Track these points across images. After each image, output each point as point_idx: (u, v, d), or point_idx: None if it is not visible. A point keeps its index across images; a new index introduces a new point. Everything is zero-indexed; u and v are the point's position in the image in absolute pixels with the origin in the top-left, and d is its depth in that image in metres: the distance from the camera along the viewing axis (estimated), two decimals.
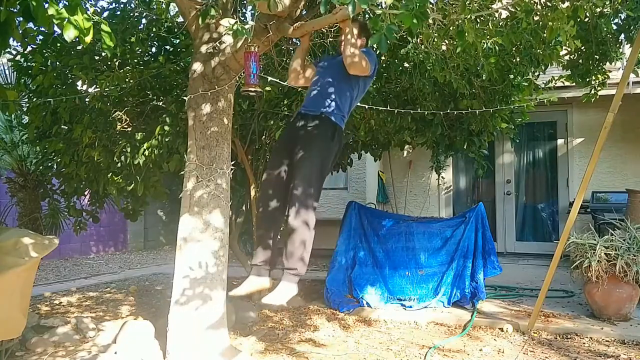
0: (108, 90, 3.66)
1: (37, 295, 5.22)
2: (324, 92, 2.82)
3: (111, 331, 3.81)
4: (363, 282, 4.86)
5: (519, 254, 7.66)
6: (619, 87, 3.63)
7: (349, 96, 2.86)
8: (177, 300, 3.01)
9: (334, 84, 2.83)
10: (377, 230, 5.03)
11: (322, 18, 2.72)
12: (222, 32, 3.07)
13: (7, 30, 1.89)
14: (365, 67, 2.73)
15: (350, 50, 2.66)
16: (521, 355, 3.49)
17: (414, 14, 1.79)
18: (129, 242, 9.71)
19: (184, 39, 4.21)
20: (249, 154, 4.88)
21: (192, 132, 3.14)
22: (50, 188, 5.19)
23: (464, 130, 4.72)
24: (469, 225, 4.78)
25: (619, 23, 4.06)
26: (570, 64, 4.49)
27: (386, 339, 3.90)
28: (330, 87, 2.83)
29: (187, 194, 3.08)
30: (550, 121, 7.64)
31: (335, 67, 2.88)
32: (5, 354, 3.27)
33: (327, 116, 2.76)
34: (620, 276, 3.98)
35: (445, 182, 8.23)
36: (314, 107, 2.81)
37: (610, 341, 3.75)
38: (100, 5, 7.06)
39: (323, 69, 2.97)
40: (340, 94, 2.82)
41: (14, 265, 2.92)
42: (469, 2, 2.44)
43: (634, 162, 7.07)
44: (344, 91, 2.83)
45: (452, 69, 3.64)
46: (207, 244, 3.04)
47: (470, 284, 4.63)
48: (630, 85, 5.71)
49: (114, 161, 4.03)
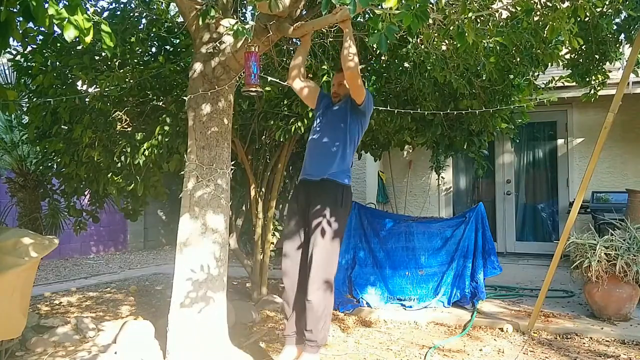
0: (108, 90, 3.66)
1: (37, 295, 5.22)
2: (323, 153, 2.80)
3: (111, 331, 3.81)
4: (363, 282, 4.86)
5: (519, 254, 7.67)
6: (619, 87, 3.63)
7: (350, 144, 2.83)
8: (177, 300, 3.01)
9: (333, 140, 2.80)
10: (377, 230, 5.03)
11: (322, 18, 2.71)
12: (222, 32, 3.07)
13: (7, 30, 1.88)
14: (360, 83, 2.69)
15: (351, 52, 2.62)
16: (521, 355, 3.49)
17: (414, 14, 1.79)
18: (129, 242, 9.71)
19: (184, 39, 4.21)
20: (249, 154, 4.88)
21: (192, 132, 3.13)
22: (50, 188, 5.19)
23: (464, 130, 4.71)
24: (469, 225, 4.78)
25: (619, 23, 4.06)
26: (571, 63, 4.49)
27: (386, 339, 3.90)
28: (330, 145, 2.80)
29: (187, 194, 3.08)
30: (550, 121, 7.64)
31: (333, 120, 2.86)
32: (5, 354, 3.27)
33: (330, 179, 2.74)
34: (620, 276, 3.98)
35: (445, 182, 8.23)
36: (316, 172, 2.79)
37: (610, 341, 3.75)
38: (100, 5, 7.05)
39: (320, 125, 2.92)
40: (341, 148, 2.78)
41: (14, 265, 2.92)
42: (469, 2, 2.44)
43: (634, 162, 7.07)
44: (344, 143, 2.80)
45: (452, 69, 3.64)
46: (207, 244, 3.03)
47: (470, 284, 4.63)
48: (630, 85, 5.70)
49: (114, 161, 4.02)
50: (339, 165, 2.77)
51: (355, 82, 2.70)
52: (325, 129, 2.88)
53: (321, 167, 2.79)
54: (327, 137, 2.84)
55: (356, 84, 2.71)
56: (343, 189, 2.77)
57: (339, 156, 2.78)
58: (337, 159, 2.77)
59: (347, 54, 2.63)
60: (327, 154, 2.79)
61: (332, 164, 2.77)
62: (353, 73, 2.66)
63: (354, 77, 2.68)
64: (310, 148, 2.91)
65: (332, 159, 2.77)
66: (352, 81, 2.71)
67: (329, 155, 2.79)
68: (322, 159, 2.79)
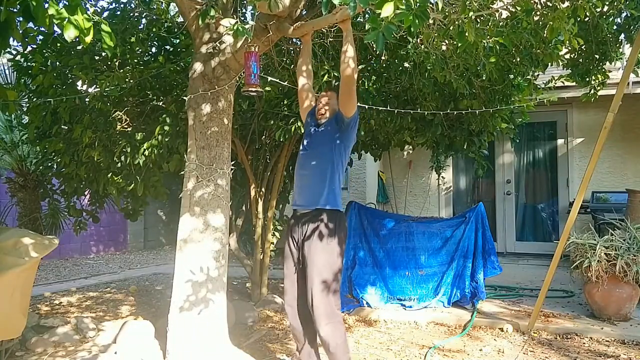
0: (108, 90, 3.66)
1: (37, 295, 5.22)
2: (313, 183, 2.73)
3: (111, 331, 3.81)
4: (363, 282, 4.86)
5: (519, 254, 7.67)
6: (619, 87, 3.63)
7: (338, 165, 2.74)
8: (177, 300, 3.01)
9: (320, 166, 2.72)
10: (377, 230, 5.03)
11: (322, 18, 2.71)
12: (222, 32, 3.07)
13: (7, 30, 1.88)
14: (354, 91, 2.62)
15: (347, 56, 2.56)
16: (521, 355, 3.49)
17: (414, 13, 1.79)
18: (129, 242, 9.71)
19: (184, 39, 4.21)
20: (249, 154, 4.88)
21: (192, 132, 3.13)
22: (50, 188, 5.19)
23: (464, 130, 4.71)
24: (469, 225, 4.78)
25: (619, 22, 4.06)
26: (571, 63, 4.49)
27: (386, 339, 3.90)
28: (317, 172, 2.72)
29: (187, 194, 3.08)
30: (550, 121, 7.64)
31: (318, 143, 2.79)
32: (5, 354, 3.27)
33: (322, 208, 2.68)
34: (620, 276, 3.98)
35: (445, 182, 8.23)
36: (308, 202, 2.73)
37: (610, 341, 3.75)
38: (100, 5, 7.06)
39: (306, 151, 2.84)
40: (329, 173, 2.70)
41: (14, 265, 2.92)
42: (469, 1, 2.44)
43: (634, 162, 7.07)
44: (332, 166, 2.71)
45: (452, 69, 3.64)
46: (207, 244, 3.03)
47: (470, 284, 4.63)
48: (630, 85, 5.70)
49: (114, 161, 4.02)
50: (329, 191, 2.69)
51: (349, 88, 2.60)
52: (312, 154, 2.80)
53: (313, 197, 2.71)
54: (314, 162, 2.76)
55: (350, 91, 2.61)
56: (336, 213, 2.71)
57: (328, 181, 2.69)
58: (327, 185, 2.69)
59: (344, 58, 2.56)
60: (317, 182, 2.71)
61: (322, 192, 2.69)
62: (349, 78, 2.57)
63: (349, 83, 2.59)
64: (299, 176, 2.84)
65: (321, 186, 2.69)
66: (346, 87, 2.60)
67: (318, 183, 2.71)
68: (313, 189, 2.71)
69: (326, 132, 2.79)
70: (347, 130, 2.73)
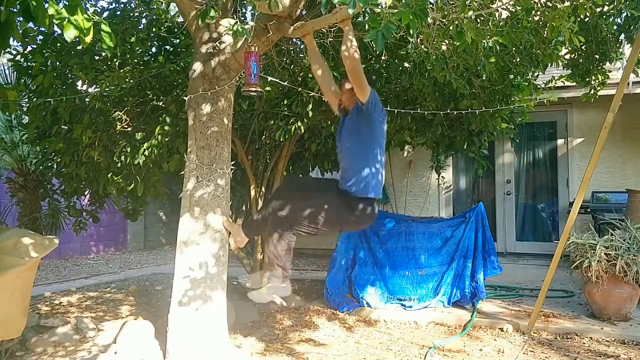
0: (108, 90, 3.66)
1: (37, 295, 5.22)
2: (345, 175, 2.89)
3: (111, 331, 3.81)
4: (363, 282, 4.86)
5: (519, 254, 7.66)
6: (619, 87, 3.63)
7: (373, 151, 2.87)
8: (177, 301, 3.01)
9: (352, 158, 2.88)
10: (377, 230, 5.03)
11: (322, 18, 2.71)
12: (222, 32, 3.07)
13: (7, 30, 1.88)
14: (362, 76, 2.67)
15: (349, 45, 2.59)
16: (521, 355, 3.49)
17: (413, 12, 1.79)
18: (129, 242, 9.71)
19: (184, 39, 4.21)
20: (249, 154, 4.88)
21: (192, 132, 3.14)
22: (50, 188, 5.19)
23: (464, 130, 4.71)
24: (469, 225, 4.77)
25: (619, 22, 4.06)
26: (571, 63, 4.49)
27: (386, 339, 3.90)
28: (350, 166, 2.88)
29: (187, 194, 3.08)
30: (550, 121, 7.64)
31: (349, 134, 2.91)
32: (5, 354, 3.27)
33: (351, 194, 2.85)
34: (620, 276, 3.98)
35: (445, 182, 8.22)
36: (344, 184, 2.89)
37: (610, 341, 3.75)
38: (100, 5, 7.06)
39: (340, 144, 2.99)
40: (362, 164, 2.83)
41: (14, 265, 2.93)
42: (468, 1, 2.44)
43: (634, 162, 7.07)
44: (364, 155, 2.85)
45: (452, 69, 3.64)
46: (207, 244, 3.04)
47: (470, 284, 4.63)
48: (630, 85, 5.70)
49: (114, 161, 4.03)
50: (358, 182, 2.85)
51: (356, 73, 2.65)
52: (345, 151, 2.94)
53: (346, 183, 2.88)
54: (347, 160, 2.92)
55: (358, 76, 2.66)
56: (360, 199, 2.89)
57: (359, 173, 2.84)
58: (357, 177, 2.84)
59: (348, 47, 2.59)
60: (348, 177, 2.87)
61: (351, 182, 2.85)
62: (353, 64, 2.61)
63: (355, 69, 2.63)
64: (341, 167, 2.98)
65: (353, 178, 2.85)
66: (353, 72, 2.65)
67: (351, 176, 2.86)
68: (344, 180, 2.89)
69: (352, 122, 2.90)
70: (369, 113, 2.82)
